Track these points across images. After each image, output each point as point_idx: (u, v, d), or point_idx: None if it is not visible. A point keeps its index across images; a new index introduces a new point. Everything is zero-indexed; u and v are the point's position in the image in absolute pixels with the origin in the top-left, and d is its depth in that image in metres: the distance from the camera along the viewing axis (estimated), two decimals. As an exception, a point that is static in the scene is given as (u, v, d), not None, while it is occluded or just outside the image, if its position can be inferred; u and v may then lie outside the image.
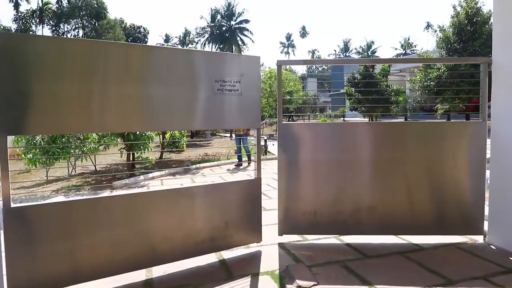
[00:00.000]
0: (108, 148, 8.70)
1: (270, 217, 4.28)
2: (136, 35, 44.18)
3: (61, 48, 2.54)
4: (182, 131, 15.22)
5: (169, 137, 14.70)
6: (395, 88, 17.75)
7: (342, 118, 31.15)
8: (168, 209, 3.04)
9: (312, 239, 3.82)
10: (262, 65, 62.86)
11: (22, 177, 9.67)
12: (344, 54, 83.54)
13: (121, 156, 9.68)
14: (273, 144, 13.91)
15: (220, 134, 30.76)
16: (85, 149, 7.82)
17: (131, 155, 9.14)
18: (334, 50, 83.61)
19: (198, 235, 3.16)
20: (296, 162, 3.66)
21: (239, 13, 59.47)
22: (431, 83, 16.65)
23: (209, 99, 3.17)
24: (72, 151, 7.69)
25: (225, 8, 59.84)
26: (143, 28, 47.73)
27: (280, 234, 3.70)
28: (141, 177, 8.42)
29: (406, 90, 19.78)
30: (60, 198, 6.35)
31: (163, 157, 12.89)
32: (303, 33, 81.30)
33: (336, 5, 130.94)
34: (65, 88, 2.55)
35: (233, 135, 10.74)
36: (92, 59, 2.63)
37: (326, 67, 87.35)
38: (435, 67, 17.04)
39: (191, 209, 3.14)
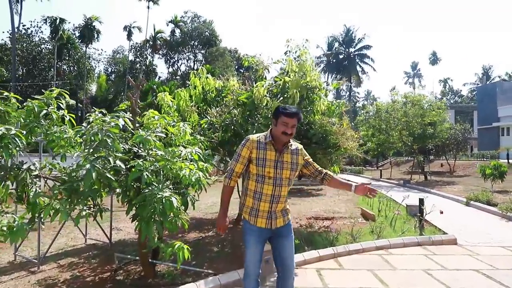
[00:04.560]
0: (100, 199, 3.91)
1: None
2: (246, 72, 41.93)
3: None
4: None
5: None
6: None
7: (505, 160, 22.37)
8: None
9: None
10: (394, 88, 55.21)
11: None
12: (484, 82, 70.23)
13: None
14: (439, 211, 7.61)
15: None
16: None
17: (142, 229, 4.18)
18: (479, 76, 71.02)
19: None
20: None
21: (359, 39, 53.66)
22: None
23: None
24: None
25: (343, 34, 54.77)
26: (252, 67, 45.42)
27: None
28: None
29: None
30: None
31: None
32: (434, 60, 70.94)
33: (474, 25, 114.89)
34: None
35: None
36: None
37: (462, 98, 74.80)
38: None
39: None
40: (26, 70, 34.84)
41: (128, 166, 3.63)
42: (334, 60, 54.74)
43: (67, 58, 38.85)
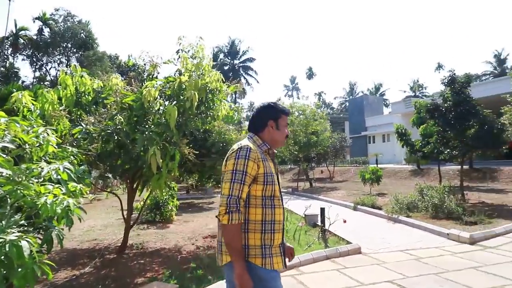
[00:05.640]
0: None
1: None
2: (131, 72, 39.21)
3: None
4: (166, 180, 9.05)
5: (147, 196, 8.31)
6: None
7: (375, 165, 24.91)
8: None
9: None
10: (279, 99, 57.37)
11: None
12: (350, 97, 78.89)
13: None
14: (343, 220, 7.47)
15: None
16: None
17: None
18: (346, 91, 79.24)
19: None
20: None
21: (243, 51, 55.21)
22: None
23: None
24: None
25: (228, 46, 55.68)
26: (139, 66, 42.89)
27: None
28: None
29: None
30: None
31: (130, 241, 6.66)
32: (310, 75, 77.07)
33: (343, 47, 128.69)
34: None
35: None
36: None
37: (333, 110, 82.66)
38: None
39: None
40: None
41: None
42: (219, 71, 55.05)
43: None
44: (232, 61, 55.59)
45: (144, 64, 6.38)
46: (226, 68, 55.55)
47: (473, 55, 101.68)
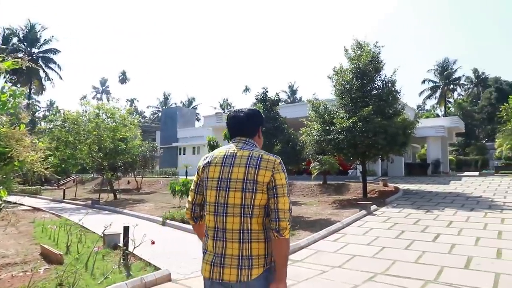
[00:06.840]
0: None
1: None
2: None
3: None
4: None
5: None
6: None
7: (184, 177, 24.65)
8: None
9: None
10: (85, 97, 50.59)
11: None
12: (164, 107, 78.61)
13: None
14: (151, 241, 6.17)
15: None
16: None
17: None
18: (160, 101, 77.85)
19: None
20: None
21: (46, 39, 47.22)
22: (338, 136, 12.64)
23: None
24: None
25: (26, 31, 46.86)
26: None
27: None
28: None
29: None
30: None
31: None
32: (123, 79, 72.74)
33: (160, 57, 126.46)
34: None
35: None
36: None
37: (145, 119, 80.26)
38: (343, 116, 13.24)
39: None
40: None
41: None
42: (10, 58, 45.75)
43: None
44: (29, 49, 46.97)
45: None
46: (20, 55, 46.52)
47: (273, 84, 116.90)
